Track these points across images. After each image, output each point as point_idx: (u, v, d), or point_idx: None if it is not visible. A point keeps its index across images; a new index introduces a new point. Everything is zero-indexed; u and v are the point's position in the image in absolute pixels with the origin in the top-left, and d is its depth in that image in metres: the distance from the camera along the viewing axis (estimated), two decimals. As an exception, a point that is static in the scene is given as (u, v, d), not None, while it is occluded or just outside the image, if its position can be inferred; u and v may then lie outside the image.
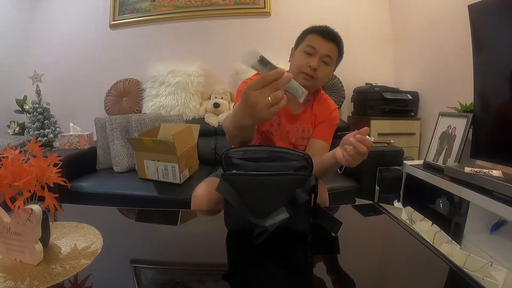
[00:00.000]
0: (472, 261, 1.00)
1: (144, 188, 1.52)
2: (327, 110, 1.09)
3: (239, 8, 2.30)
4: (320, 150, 1.03)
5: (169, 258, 0.66)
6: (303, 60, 0.97)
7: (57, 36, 2.41)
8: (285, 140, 1.07)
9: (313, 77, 0.97)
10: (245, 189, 0.66)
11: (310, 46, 0.97)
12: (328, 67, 0.99)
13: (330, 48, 0.97)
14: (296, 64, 1.00)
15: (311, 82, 0.98)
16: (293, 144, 1.07)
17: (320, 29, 0.99)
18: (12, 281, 0.51)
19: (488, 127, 1.34)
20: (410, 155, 1.95)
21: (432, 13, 1.91)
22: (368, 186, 1.55)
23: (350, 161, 0.74)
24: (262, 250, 0.63)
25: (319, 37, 0.97)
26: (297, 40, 1.05)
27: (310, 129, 1.08)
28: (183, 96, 2.10)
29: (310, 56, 0.97)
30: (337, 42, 0.99)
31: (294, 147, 1.06)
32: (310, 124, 1.08)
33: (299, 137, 1.07)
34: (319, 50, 0.96)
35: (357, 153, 0.71)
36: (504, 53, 1.22)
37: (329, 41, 0.97)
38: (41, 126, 2.00)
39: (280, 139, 1.06)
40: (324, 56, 0.97)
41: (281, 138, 1.07)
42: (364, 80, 2.23)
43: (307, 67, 0.96)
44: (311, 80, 0.98)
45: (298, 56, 0.99)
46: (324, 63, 0.98)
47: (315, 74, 0.97)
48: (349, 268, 0.60)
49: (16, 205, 0.53)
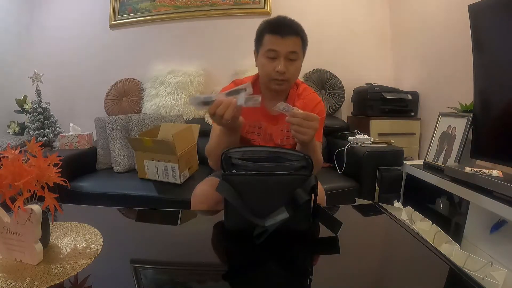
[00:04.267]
0: (472, 261, 1.00)
1: (144, 188, 1.52)
2: (311, 104, 1.03)
3: (239, 8, 2.30)
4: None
5: (169, 258, 0.66)
6: (269, 67, 0.93)
7: (57, 36, 2.41)
8: (270, 142, 1.03)
9: (285, 79, 0.94)
10: (245, 189, 0.66)
11: (271, 50, 0.92)
12: (297, 61, 0.95)
13: (291, 44, 0.91)
14: (264, 72, 0.96)
15: (285, 85, 0.96)
16: (278, 145, 1.03)
17: (274, 27, 0.93)
18: (12, 281, 0.51)
19: (488, 127, 1.34)
20: (410, 155, 1.95)
21: (432, 13, 1.91)
22: (368, 186, 1.55)
23: (298, 136, 0.77)
24: (262, 250, 0.63)
25: (276, 36, 0.91)
26: (256, 41, 0.99)
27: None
28: (183, 96, 2.10)
29: (275, 60, 0.92)
30: (296, 33, 0.93)
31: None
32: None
33: (284, 137, 1.04)
34: (281, 51, 0.91)
35: (295, 129, 0.76)
36: (504, 53, 1.22)
37: (287, 37, 0.91)
38: (41, 126, 2.00)
39: (264, 142, 1.03)
40: (289, 54, 0.92)
41: (264, 141, 1.03)
42: (364, 80, 2.22)
43: (275, 73, 0.92)
44: (284, 83, 0.95)
45: (263, 62, 0.95)
46: (290, 60, 0.93)
47: (285, 76, 0.93)
48: (349, 268, 0.60)
49: (16, 205, 0.53)
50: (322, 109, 1.06)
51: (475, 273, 0.95)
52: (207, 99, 0.71)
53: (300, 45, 0.94)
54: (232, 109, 0.71)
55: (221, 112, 0.71)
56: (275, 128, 1.03)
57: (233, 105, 0.71)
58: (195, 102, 0.72)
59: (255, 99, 0.71)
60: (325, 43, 2.31)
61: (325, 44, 2.31)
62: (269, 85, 0.97)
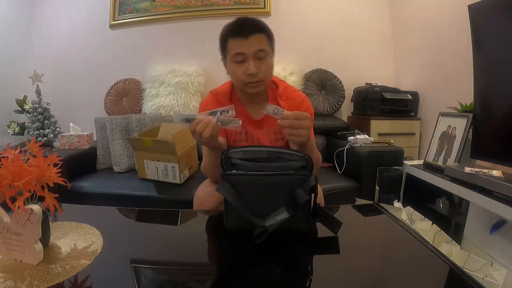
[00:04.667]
0: (472, 261, 1.00)
1: (144, 188, 1.52)
2: (296, 103, 1.00)
3: (239, 8, 2.30)
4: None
5: (169, 258, 0.66)
6: (239, 71, 0.90)
7: (57, 36, 2.41)
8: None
9: (259, 80, 0.91)
10: (245, 189, 0.66)
11: (237, 53, 0.89)
12: (267, 59, 0.91)
13: (256, 42, 0.89)
14: (236, 78, 0.94)
15: (261, 86, 0.93)
16: None
17: (235, 29, 0.90)
18: (12, 281, 0.51)
19: (488, 127, 1.34)
20: (410, 155, 1.95)
21: (432, 13, 1.91)
22: (368, 186, 1.55)
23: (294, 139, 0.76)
24: (262, 250, 0.63)
25: (239, 39, 0.89)
26: (221, 49, 0.96)
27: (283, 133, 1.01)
28: (183, 96, 2.10)
29: (244, 63, 0.90)
30: (260, 30, 0.90)
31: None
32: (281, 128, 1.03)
33: (273, 140, 1.02)
34: (248, 52, 0.88)
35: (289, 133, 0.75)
36: (504, 53, 1.22)
37: (251, 37, 0.88)
38: (41, 126, 2.00)
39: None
40: (256, 53, 0.89)
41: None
42: (364, 80, 2.22)
43: (247, 77, 0.90)
44: (259, 84, 0.92)
45: (233, 68, 0.92)
46: (260, 59, 0.90)
47: (259, 77, 0.90)
48: (349, 268, 0.60)
49: (16, 205, 0.53)
50: (309, 105, 1.03)
51: (475, 273, 0.95)
52: (189, 116, 0.73)
53: (266, 42, 0.91)
54: (210, 128, 0.71)
55: (199, 131, 0.71)
56: (261, 132, 1.02)
57: (211, 124, 0.71)
58: (178, 118, 0.74)
59: (235, 122, 0.72)
60: (325, 43, 2.31)
61: (325, 44, 2.31)
62: (245, 90, 0.95)
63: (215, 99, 1.02)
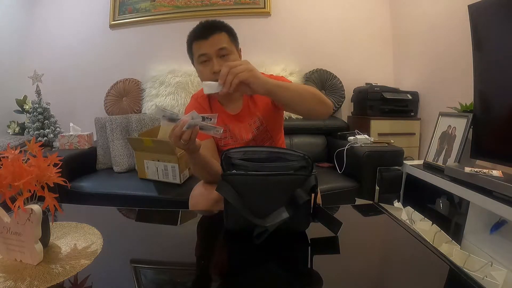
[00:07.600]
0: (472, 261, 1.00)
1: (144, 188, 1.52)
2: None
3: (239, 8, 2.30)
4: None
5: (169, 258, 0.66)
6: (205, 71, 0.94)
7: (57, 36, 2.41)
8: (244, 141, 1.03)
9: None
10: (245, 189, 0.66)
11: (200, 55, 0.94)
12: (230, 56, 0.94)
13: (216, 41, 0.92)
14: (204, 79, 0.95)
15: None
16: (253, 140, 1.04)
17: (197, 33, 0.95)
18: (12, 281, 0.51)
19: (488, 127, 1.34)
20: (410, 155, 1.95)
21: (432, 12, 1.90)
22: (368, 186, 1.55)
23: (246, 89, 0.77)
24: (262, 250, 0.63)
25: (201, 41, 0.93)
26: (188, 54, 1.02)
27: (262, 119, 1.03)
28: (183, 96, 2.10)
29: (209, 63, 0.93)
30: (219, 29, 0.94)
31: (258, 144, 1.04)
32: (259, 114, 1.03)
33: (254, 129, 1.04)
34: (210, 52, 0.92)
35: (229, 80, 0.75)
36: (504, 53, 1.22)
37: (211, 37, 0.92)
38: (41, 126, 2.00)
39: (239, 143, 1.03)
40: (218, 52, 0.92)
41: (238, 141, 1.03)
42: (364, 80, 2.22)
43: (213, 75, 0.91)
44: None
45: (200, 70, 0.97)
46: (223, 57, 0.93)
47: None
48: (349, 268, 0.60)
49: (16, 205, 0.53)
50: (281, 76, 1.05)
51: (475, 273, 0.95)
52: (173, 116, 0.72)
53: (227, 39, 0.95)
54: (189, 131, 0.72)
55: (177, 133, 0.72)
56: (242, 126, 1.04)
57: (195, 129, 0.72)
58: (160, 114, 0.72)
59: (216, 130, 0.72)
60: (325, 43, 2.31)
61: (325, 44, 2.31)
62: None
63: (197, 104, 1.06)
